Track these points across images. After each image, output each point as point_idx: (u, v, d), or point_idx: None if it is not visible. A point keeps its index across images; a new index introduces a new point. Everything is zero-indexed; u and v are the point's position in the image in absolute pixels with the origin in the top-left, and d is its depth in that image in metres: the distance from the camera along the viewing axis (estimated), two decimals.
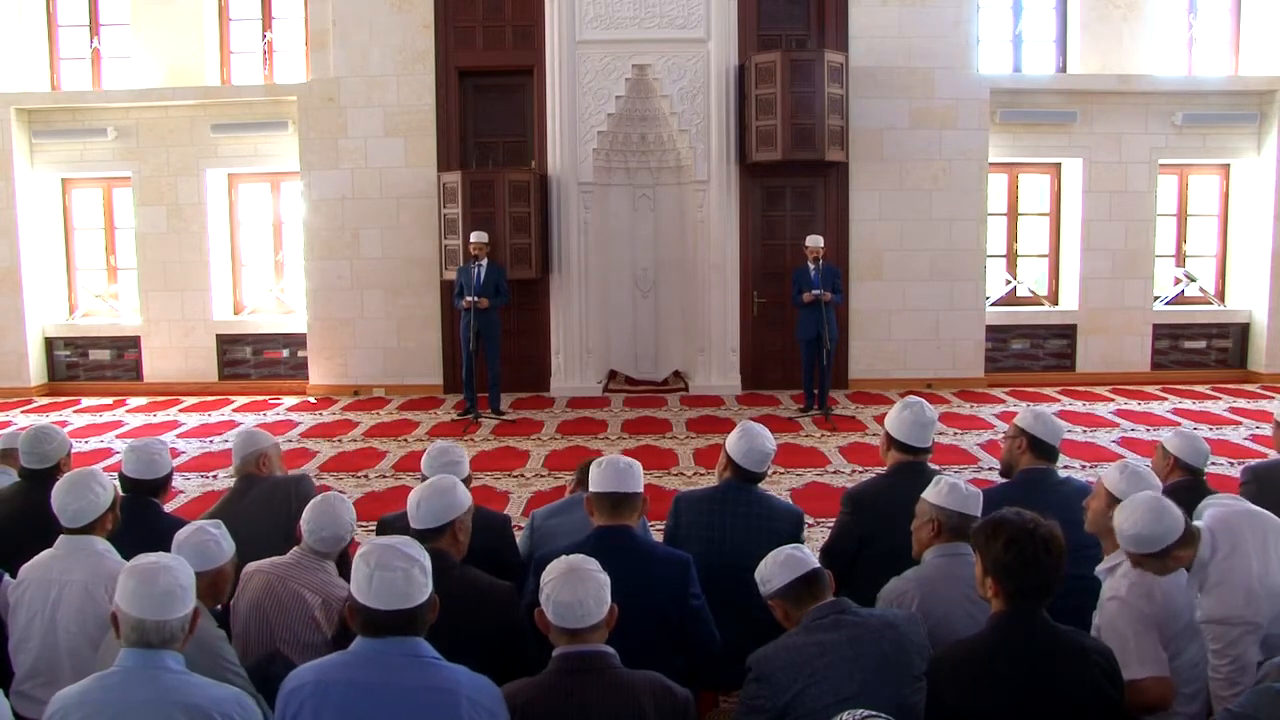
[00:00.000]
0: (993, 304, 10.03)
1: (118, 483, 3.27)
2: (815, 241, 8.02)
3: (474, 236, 8.17)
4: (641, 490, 2.86)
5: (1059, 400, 8.97)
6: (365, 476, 6.55)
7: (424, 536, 2.67)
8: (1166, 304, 10.21)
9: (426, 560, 2.09)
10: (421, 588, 2.04)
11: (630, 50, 9.23)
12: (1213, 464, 3.56)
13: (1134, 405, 8.70)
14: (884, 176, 9.50)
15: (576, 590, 2.14)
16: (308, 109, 9.45)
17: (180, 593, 2.09)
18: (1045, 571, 2.18)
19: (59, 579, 2.70)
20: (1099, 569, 2.67)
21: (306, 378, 9.80)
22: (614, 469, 2.83)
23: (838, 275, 8.19)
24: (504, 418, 8.27)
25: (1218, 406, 8.64)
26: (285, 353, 10.03)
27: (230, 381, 9.99)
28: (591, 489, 2.84)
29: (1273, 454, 3.85)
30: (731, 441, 3.29)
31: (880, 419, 3.44)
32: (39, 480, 3.30)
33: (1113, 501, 2.65)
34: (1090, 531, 2.76)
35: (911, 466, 3.26)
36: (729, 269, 9.47)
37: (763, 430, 3.30)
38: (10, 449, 3.81)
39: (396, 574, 2.01)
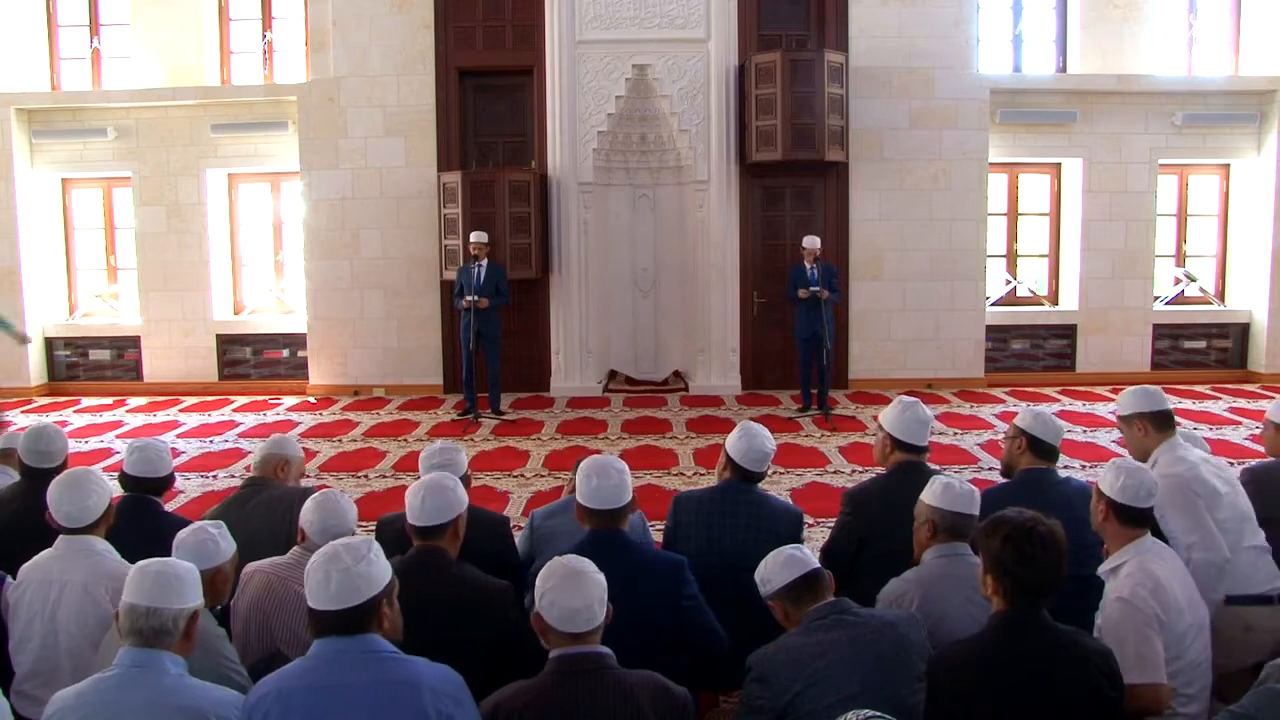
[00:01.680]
0: (993, 304, 10.04)
1: (117, 482, 3.28)
2: (812, 243, 8.00)
3: (474, 236, 8.17)
4: (631, 497, 2.83)
5: (1059, 400, 8.97)
6: (365, 476, 6.55)
7: (427, 534, 2.68)
8: (1166, 304, 10.22)
9: (375, 558, 2.08)
10: (366, 585, 2.03)
11: (630, 50, 9.23)
12: None
13: None
14: (884, 176, 9.50)
15: (583, 595, 2.12)
16: (308, 109, 9.45)
17: (176, 584, 2.10)
18: (1044, 569, 2.18)
19: (58, 579, 2.70)
20: (1101, 569, 2.67)
21: (306, 378, 9.80)
22: (603, 487, 2.77)
23: (835, 274, 8.18)
24: (504, 418, 8.27)
25: (1218, 406, 8.64)
26: (285, 353, 10.03)
27: (230, 381, 9.99)
28: (581, 502, 2.81)
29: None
30: (731, 441, 3.29)
31: None
32: (40, 480, 3.29)
33: (1100, 498, 2.66)
34: (1096, 530, 2.76)
35: (912, 466, 3.27)
36: (729, 269, 9.47)
37: (762, 430, 3.30)
38: (10, 449, 3.81)
39: (339, 574, 2.01)
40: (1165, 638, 2.48)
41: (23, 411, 9.04)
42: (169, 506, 3.58)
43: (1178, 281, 10.31)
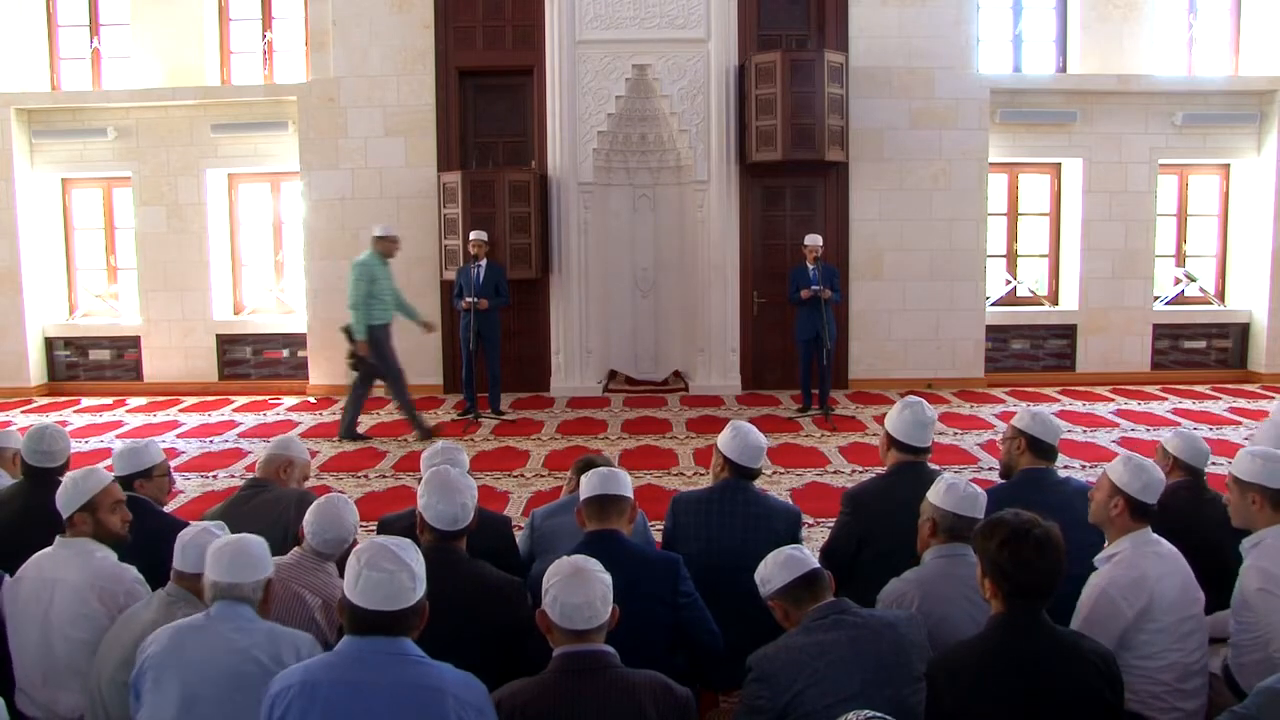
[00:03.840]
0: (993, 304, 10.04)
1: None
2: (814, 241, 8.02)
3: (474, 235, 8.17)
4: (629, 495, 2.87)
5: (1059, 400, 8.97)
6: (365, 476, 6.55)
7: (447, 536, 2.69)
8: (1166, 304, 10.22)
9: (419, 566, 2.08)
10: (408, 593, 2.03)
11: (630, 50, 9.23)
12: (1213, 464, 3.55)
13: (1134, 405, 8.70)
14: (884, 176, 9.50)
15: (584, 592, 2.14)
16: (308, 109, 9.45)
17: (246, 559, 2.36)
18: (1041, 572, 2.18)
19: (52, 579, 2.71)
20: (1098, 558, 2.69)
21: (306, 378, 9.80)
22: (600, 475, 2.87)
23: (835, 275, 8.18)
24: (504, 418, 8.27)
25: (1218, 406, 8.64)
26: (285, 353, 10.03)
27: (230, 381, 9.98)
28: (581, 497, 2.87)
29: None
30: (725, 441, 3.31)
31: (880, 419, 3.45)
32: (41, 480, 3.30)
33: (1115, 493, 2.67)
34: (1093, 523, 2.77)
35: (911, 466, 3.27)
36: (729, 269, 9.47)
37: (751, 426, 3.34)
38: (10, 448, 3.80)
39: (384, 575, 2.01)
40: (1152, 627, 2.52)
41: (23, 411, 9.05)
42: (168, 507, 3.57)
43: (1178, 281, 10.31)
